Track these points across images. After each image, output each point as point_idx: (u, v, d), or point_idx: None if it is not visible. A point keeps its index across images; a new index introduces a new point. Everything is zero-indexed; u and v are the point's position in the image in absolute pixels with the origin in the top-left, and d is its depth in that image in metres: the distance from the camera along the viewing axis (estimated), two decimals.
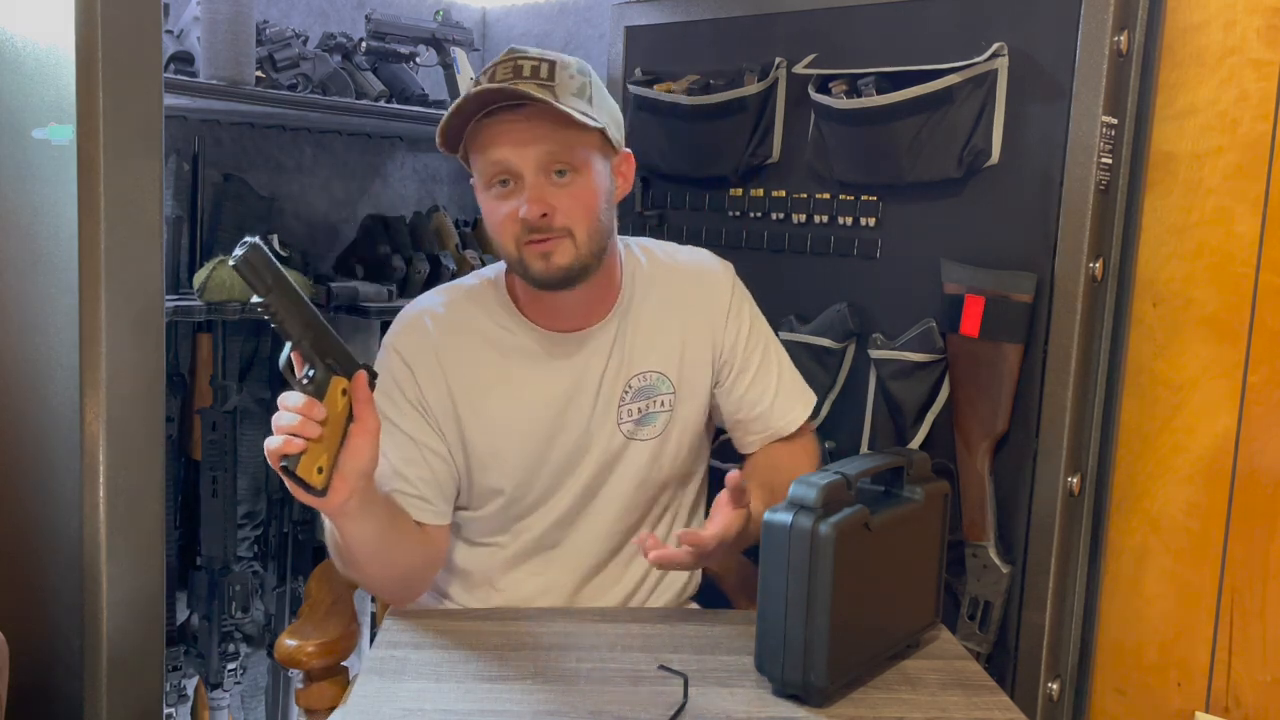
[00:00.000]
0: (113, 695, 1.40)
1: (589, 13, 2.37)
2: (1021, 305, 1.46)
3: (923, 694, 1.13)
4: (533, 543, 1.38)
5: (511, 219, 1.25)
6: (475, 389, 1.33)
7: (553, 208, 1.23)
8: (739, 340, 1.42)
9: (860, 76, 1.57)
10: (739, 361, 1.42)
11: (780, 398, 1.44)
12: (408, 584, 1.34)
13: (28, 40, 1.36)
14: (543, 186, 1.23)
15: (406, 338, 1.34)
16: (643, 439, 1.37)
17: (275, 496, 2.05)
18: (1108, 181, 1.45)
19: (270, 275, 1.00)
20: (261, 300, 1.01)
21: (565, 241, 1.25)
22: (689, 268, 1.44)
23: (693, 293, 1.41)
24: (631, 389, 1.36)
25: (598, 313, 1.36)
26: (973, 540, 1.53)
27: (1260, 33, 1.37)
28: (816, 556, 1.06)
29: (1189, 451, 1.46)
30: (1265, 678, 1.41)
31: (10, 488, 1.47)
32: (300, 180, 2.20)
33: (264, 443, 1.04)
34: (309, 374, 1.05)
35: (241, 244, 0.99)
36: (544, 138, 1.22)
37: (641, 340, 1.37)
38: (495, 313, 1.36)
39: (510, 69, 1.23)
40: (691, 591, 1.49)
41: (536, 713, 1.06)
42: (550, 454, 1.35)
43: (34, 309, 1.40)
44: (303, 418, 1.02)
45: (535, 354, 1.34)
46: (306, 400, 1.03)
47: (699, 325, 1.40)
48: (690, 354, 1.39)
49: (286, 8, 2.12)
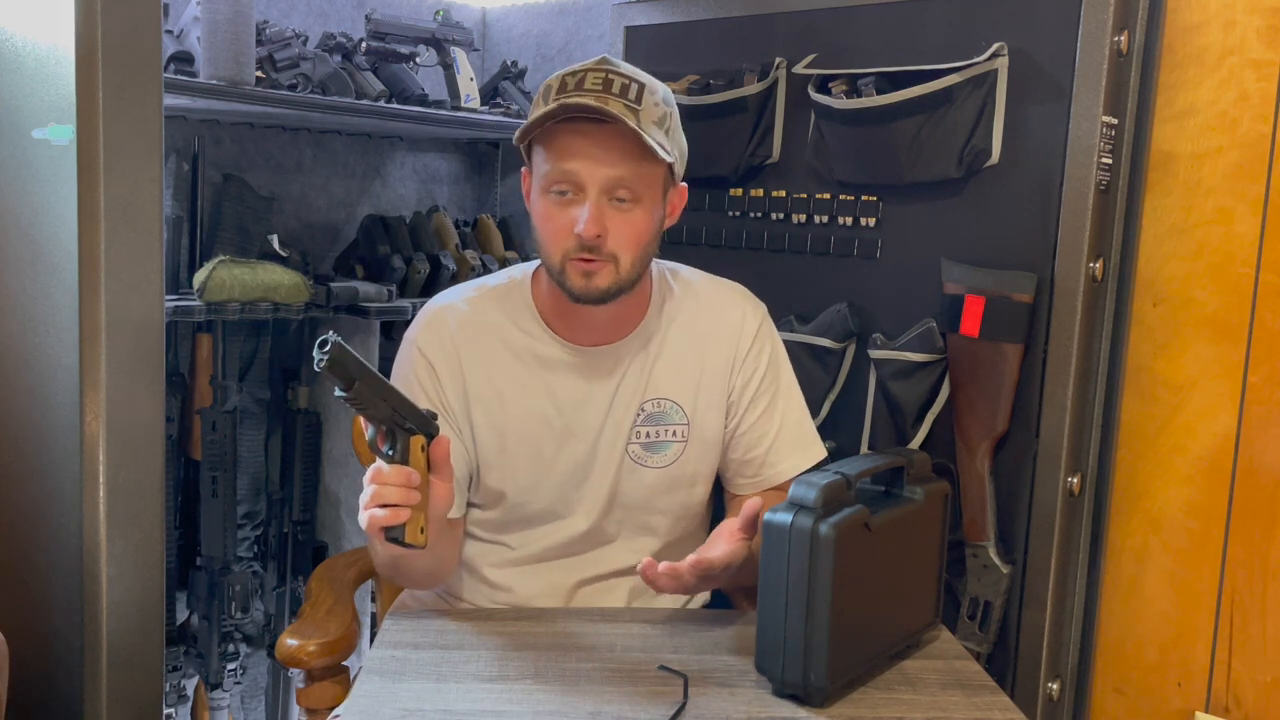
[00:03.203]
0: (113, 695, 1.40)
1: (589, 13, 2.37)
2: (1021, 305, 1.46)
3: (923, 694, 1.13)
4: (542, 552, 1.38)
5: (565, 231, 1.25)
6: (489, 390, 1.34)
7: (607, 231, 1.24)
8: (751, 381, 1.40)
9: (860, 76, 1.57)
10: (746, 402, 1.40)
11: (778, 445, 1.40)
12: (444, 571, 1.37)
13: (28, 40, 1.36)
14: (603, 207, 1.24)
15: (428, 334, 1.36)
16: (653, 466, 1.37)
17: (275, 496, 2.06)
18: (1108, 181, 1.45)
19: (354, 369, 1.01)
20: (346, 394, 1.02)
21: (609, 266, 1.25)
22: (719, 304, 1.42)
23: (718, 329, 1.40)
24: (644, 412, 1.36)
25: (620, 331, 1.36)
26: (973, 540, 1.53)
27: (1260, 33, 1.37)
28: (816, 556, 1.06)
29: (1189, 451, 1.46)
30: (1265, 678, 1.41)
31: (10, 488, 1.47)
32: (300, 180, 2.20)
33: (365, 519, 1.08)
34: (393, 445, 1.08)
35: (321, 345, 0.97)
36: (618, 162, 1.23)
37: (661, 366, 1.37)
38: (517, 316, 1.36)
39: (601, 80, 1.23)
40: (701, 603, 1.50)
41: (536, 713, 1.06)
42: (557, 464, 1.35)
43: (34, 309, 1.40)
44: (403, 488, 1.06)
45: (552, 362, 1.35)
46: (404, 472, 1.07)
47: (718, 362, 1.39)
48: (706, 388, 1.38)
49: (286, 8, 2.12)
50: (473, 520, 1.41)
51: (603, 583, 1.40)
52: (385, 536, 1.08)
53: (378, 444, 1.08)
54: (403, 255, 2.08)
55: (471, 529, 1.41)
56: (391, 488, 1.06)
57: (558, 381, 1.34)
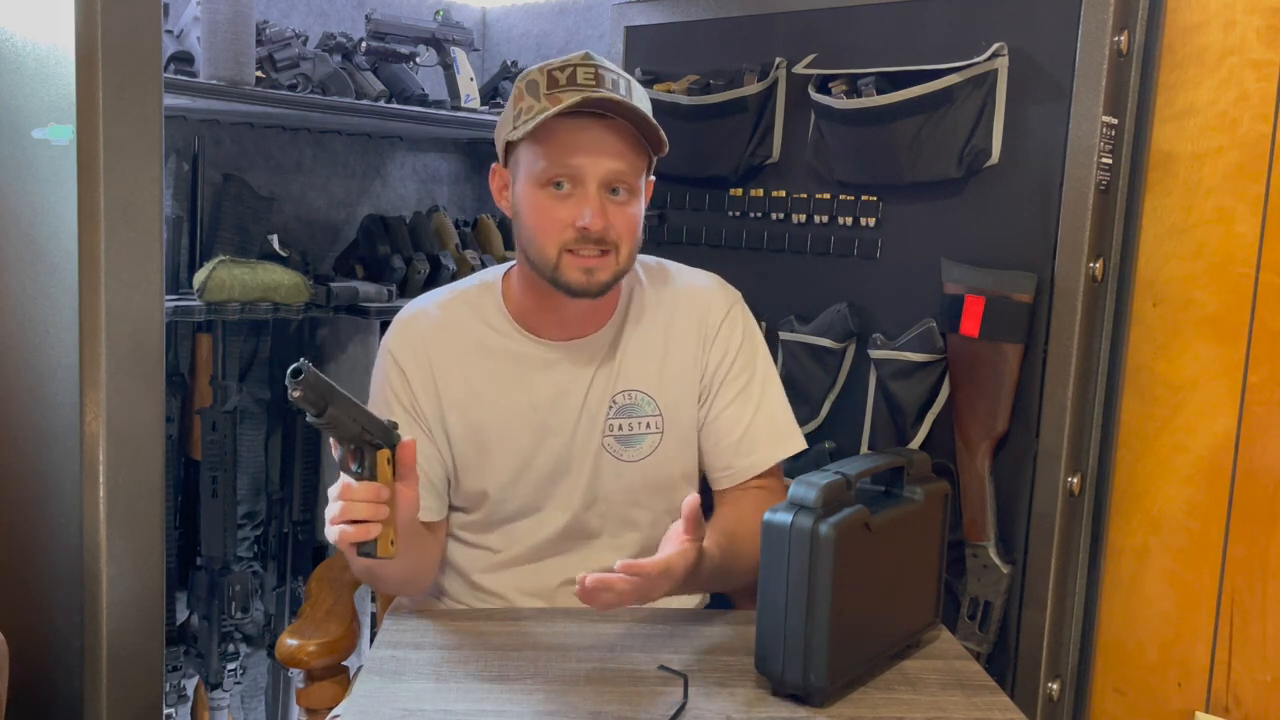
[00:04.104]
0: (113, 695, 1.40)
1: (589, 13, 2.37)
2: (1021, 305, 1.46)
3: (923, 694, 1.13)
4: (527, 552, 1.38)
5: (562, 224, 1.25)
6: (465, 391, 1.34)
7: (608, 223, 1.25)
8: (723, 362, 1.37)
9: (860, 76, 1.57)
10: (718, 385, 1.37)
11: (752, 433, 1.36)
12: (422, 576, 1.37)
13: (28, 40, 1.36)
14: (604, 199, 1.25)
15: (400, 340, 1.36)
16: (630, 460, 1.36)
17: (275, 496, 2.05)
18: (1108, 181, 1.45)
19: (326, 394, 1.01)
20: (318, 420, 1.02)
21: (610, 257, 1.26)
22: (687, 291, 1.41)
23: (684, 314, 1.38)
24: (615, 404, 1.36)
25: (592, 324, 1.36)
26: (973, 540, 1.53)
27: (1260, 33, 1.37)
28: (816, 556, 1.06)
29: (1189, 451, 1.46)
30: (1265, 678, 1.41)
31: (10, 488, 1.47)
32: (300, 180, 2.20)
33: (334, 534, 1.08)
34: (361, 463, 1.09)
35: (295, 374, 0.97)
36: (619, 155, 1.24)
37: (630, 358, 1.36)
38: (488, 317, 1.37)
39: (593, 75, 1.23)
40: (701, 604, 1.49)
41: (536, 713, 1.06)
42: (535, 459, 1.35)
43: (34, 309, 1.40)
44: (372, 504, 1.07)
45: (524, 360, 1.35)
46: (373, 488, 1.07)
47: (685, 346, 1.37)
48: (675, 375, 1.37)
49: (286, 8, 2.12)
50: (456, 524, 1.41)
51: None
52: (358, 551, 1.09)
53: (347, 463, 1.08)
54: (403, 255, 2.08)
55: (456, 532, 1.41)
56: (360, 504, 1.06)
57: (532, 378, 1.35)
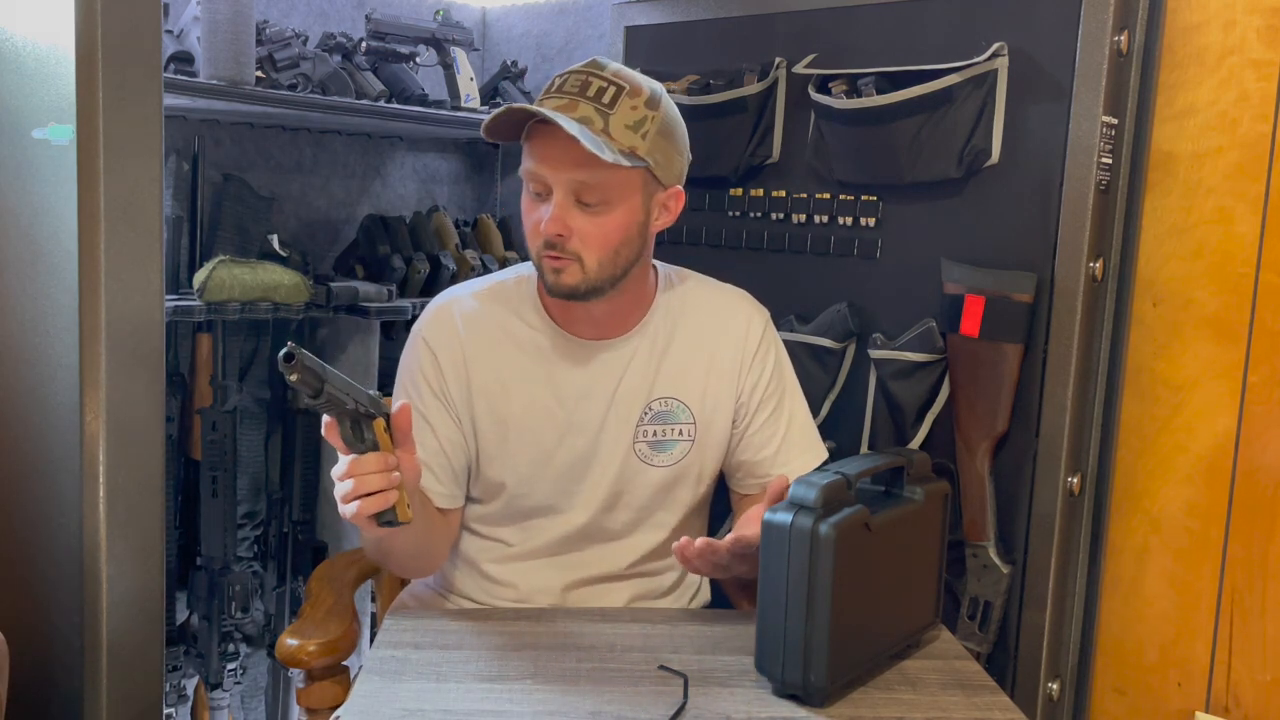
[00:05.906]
0: (113, 695, 1.40)
1: (589, 13, 2.37)
2: (1021, 305, 1.46)
3: (923, 694, 1.13)
4: (543, 547, 1.39)
5: (535, 227, 1.28)
6: (493, 381, 1.35)
7: (570, 231, 1.25)
8: (759, 384, 1.41)
9: (860, 76, 1.57)
10: (754, 405, 1.41)
11: (786, 446, 1.42)
12: (431, 559, 1.39)
13: (28, 40, 1.36)
14: (568, 208, 1.25)
15: (433, 327, 1.38)
16: (659, 465, 1.38)
17: (275, 496, 2.05)
18: (1108, 181, 1.45)
19: (319, 372, 1.02)
20: (315, 400, 1.03)
21: (574, 265, 1.27)
22: (724, 308, 1.44)
23: (724, 333, 1.41)
24: (651, 411, 1.37)
25: (619, 327, 1.37)
26: (973, 540, 1.53)
27: (1260, 33, 1.37)
28: (816, 556, 1.06)
29: (1189, 451, 1.46)
30: (1265, 678, 1.41)
31: (10, 488, 1.47)
32: (300, 180, 2.20)
33: (350, 510, 1.10)
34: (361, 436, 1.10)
35: (287, 359, 0.98)
36: (580, 165, 1.23)
37: (667, 366, 1.38)
38: (521, 310, 1.38)
39: (579, 83, 1.25)
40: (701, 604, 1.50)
41: (536, 713, 1.06)
42: (557, 455, 1.36)
43: (34, 309, 1.40)
44: (384, 473, 1.09)
45: (553, 354, 1.36)
46: (382, 458, 1.09)
47: (725, 366, 1.40)
48: (713, 390, 1.39)
49: (286, 8, 2.12)
50: (472, 516, 1.41)
51: (604, 584, 1.41)
52: (379, 521, 1.10)
53: (349, 439, 1.09)
54: (403, 255, 2.08)
55: (471, 524, 1.42)
56: (373, 475, 1.08)
57: (560, 373, 1.36)
